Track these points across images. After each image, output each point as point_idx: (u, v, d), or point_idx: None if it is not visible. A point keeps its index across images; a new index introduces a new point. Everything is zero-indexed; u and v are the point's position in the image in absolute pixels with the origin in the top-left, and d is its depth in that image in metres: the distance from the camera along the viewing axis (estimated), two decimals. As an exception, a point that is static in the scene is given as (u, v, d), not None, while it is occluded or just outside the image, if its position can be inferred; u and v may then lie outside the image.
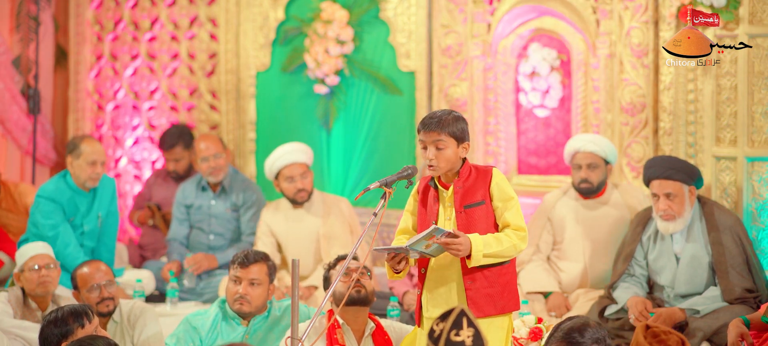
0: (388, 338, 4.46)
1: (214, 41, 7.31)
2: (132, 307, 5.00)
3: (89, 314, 4.04)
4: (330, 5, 6.79)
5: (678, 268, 5.28)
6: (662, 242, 5.34)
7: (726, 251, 5.19)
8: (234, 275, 4.65)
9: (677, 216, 5.23)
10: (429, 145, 3.88)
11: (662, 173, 5.26)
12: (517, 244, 3.87)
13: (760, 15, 5.46)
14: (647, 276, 5.41)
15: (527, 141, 6.38)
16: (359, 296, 4.37)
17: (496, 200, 3.90)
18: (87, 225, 6.02)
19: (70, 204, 5.95)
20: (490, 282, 3.88)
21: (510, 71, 6.32)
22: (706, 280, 5.25)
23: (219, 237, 6.45)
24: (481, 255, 3.80)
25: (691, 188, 5.25)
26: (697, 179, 5.27)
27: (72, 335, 3.96)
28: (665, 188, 5.23)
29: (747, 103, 5.51)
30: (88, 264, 5.09)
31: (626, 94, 5.91)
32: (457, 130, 3.88)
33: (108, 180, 6.14)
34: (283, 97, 7.09)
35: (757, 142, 5.52)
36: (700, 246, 5.25)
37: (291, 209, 6.14)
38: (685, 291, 5.26)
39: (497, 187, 3.90)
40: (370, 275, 4.51)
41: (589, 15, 6.00)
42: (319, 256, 6.09)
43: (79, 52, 7.62)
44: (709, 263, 5.24)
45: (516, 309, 3.98)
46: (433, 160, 3.87)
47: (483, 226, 3.88)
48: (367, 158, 6.82)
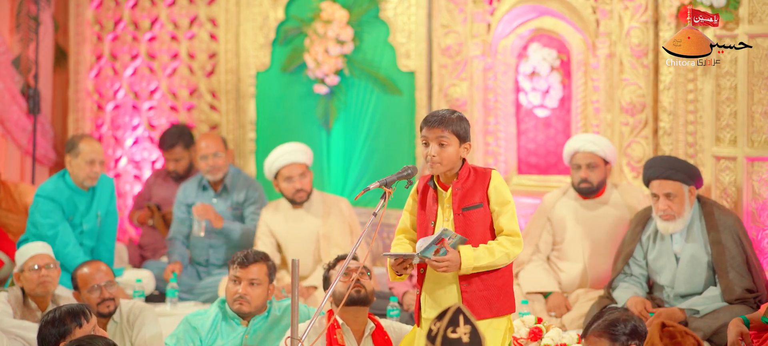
0: (388, 338, 4.46)
1: (214, 41, 7.31)
2: (131, 307, 5.00)
3: (87, 313, 4.04)
4: (330, 5, 6.79)
5: (678, 268, 5.28)
6: (662, 241, 5.34)
7: (726, 250, 5.18)
8: (233, 275, 4.66)
9: (677, 216, 5.23)
10: (431, 142, 3.87)
11: (662, 173, 5.25)
12: (511, 251, 3.86)
13: (760, 15, 5.46)
14: (647, 276, 5.41)
15: (527, 141, 6.38)
16: (359, 296, 4.37)
17: (493, 203, 3.90)
18: (86, 224, 6.02)
19: (69, 203, 5.95)
20: (486, 285, 3.88)
21: (510, 71, 6.32)
22: (706, 280, 5.25)
23: (219, 236, 6.45)
24: (471, 268, 3.82)
25: (691, 188, 5.25)
26: (696, 180, 5.27)
27: (70, 334, 3.95)
28: (665, 188, 5.23)
29: (747, 103, 5.51)
30: (89, 264, 5.09)
31: (626, 94, 5.91)
32: (460, 129, 3.88)
33: (107, 180, 6.14)
34: (283, 97, 7.09)
35: (757, 143, 5.52)
36: (699, 246, 5.25)
37: (291, 209, 6.15)
38: (685, 291, 5.26)
39: (495, 190, 3.89)
40: (370, 275, 4.51)
41: (589, 15, 6.00)
42: (319, 256, 6.09)
43: (79, 52, 7.62)
44: (708, 263, 5.24)
45: (511, 312, 3.98)
46: (435, 156, 3.86)
47: (480, 229, 3.88)
48: (367, 158, 6.83)
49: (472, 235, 3.86)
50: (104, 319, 4.94)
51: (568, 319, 5.51)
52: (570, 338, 4.81)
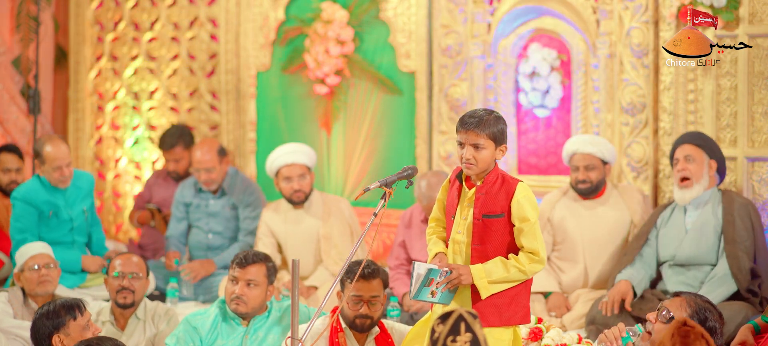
0: (391, 342, 4.44)
1: (214, 41, 7.31)
2: (156, 307, 5.06)
3: (81, 307, 4.06)
4: (330, 5, 6.79)
5: (685, 236, 5.28)
6: (675, 215, 5.35)
7: (736, 227, 5.18)
8: (232, 275, 4.65)
9: (694, 180, 5.25)
10: (467, 145, 3.80)
11: (687, 139, 5.34)
12: (528, 269, 3.79)
13: (760, 15, 5.46)
14: (656, 256, 5.40)
15: (527, 141, 6.38)
16: (363, 327, 4.37)
17: (514, 217, 3.82)
18: (75, 221, 6.00)
19: (47, 203, 5.90)
20: (498, 293, 3.81)
21: (510, 71, 6.32)
22: (711, 248, 5.22)
23: (218, 236, 6.44)
24: (486, 282, 3.76)
25: (711, 162, 5.28)
26: (719, 160, 5.30)
27: (64, 326, 3.99)
28: (686, 150, 5.28)
29: (747, 103, 5.51)
30: (123, 255, 5.13)
31: (626, 95, 5.91)
32: (496, 131, 3.81)
33: (85, 176, 6.10)
34: (283, 97, 7.09)
35: (757, 143, 5.52)
36: (711, 215, 5.26)
37: (291, 209, 6.14)
38: (687, 258, 5.25)
39: (517, 204, 3.81)
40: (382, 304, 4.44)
41: (589, 15, 6.01)
42: (320, 256, 6.08)
43: (79, 52, 7.61)
44: (716, 231, 5.23)
45: (523, 323, 3.91)
46: (470, 159, 3.79)
47: (498, 239, 3.82)
48: (367, 158, 6.82)
49: (488, 243, 3.81)
50: (122, 310, 4.97)
51: (568, 319, 5.51)
52: (570, 338, 4.81)
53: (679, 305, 3.69)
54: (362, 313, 4.34)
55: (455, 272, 3.78)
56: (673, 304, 3.70)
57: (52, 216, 5.90)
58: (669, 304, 3.71)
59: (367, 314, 4.35)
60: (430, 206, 5.64)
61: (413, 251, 5.85)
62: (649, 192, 5.89)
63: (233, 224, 6.46)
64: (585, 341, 4.83)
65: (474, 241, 3.83)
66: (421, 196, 5.79)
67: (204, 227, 6.47)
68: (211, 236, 6.45)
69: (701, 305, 3.71)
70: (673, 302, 3.71)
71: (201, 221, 6.47)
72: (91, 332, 4.03)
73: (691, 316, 3.66)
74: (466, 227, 3.84)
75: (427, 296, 3.80)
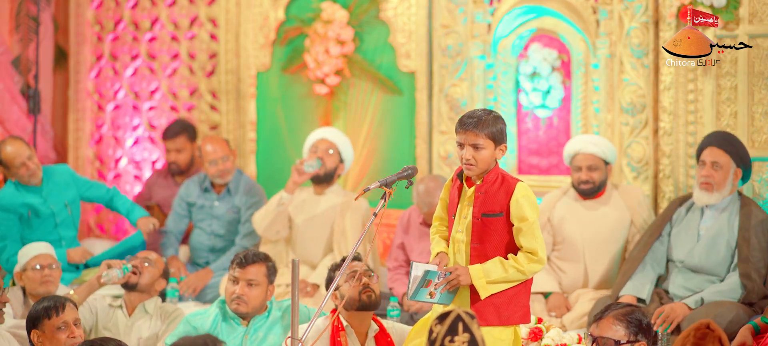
0: (391, 341, 4.44)
1: (214, 41, 7.31)
2: (166, 305, 5.08)
3: (59, 308, 4.17)
4: (330, 5, 6.79)
5: (698, 242, 5.26)
6: (690, 216, 5.33)
7: (751, 246, 5.13)
8: (232, 275, 4.66)
9: (715, 188, 5.22)
10: (466, 146, 3.82)
11: (718, 142, 5.26)
12: (527, 269, 3.80)
13: (760, 15, 5.46)
14: (667, 254, 5.39)
15: (528, 141, 6.38)
16: (370, 301, 4.36)
17: (513, 216, 3.83)
18: (58, 216, 6.00)
19: (24, 206, 5.91)
20: (497, 292, 3.82)
21: (510, 71, 6.32)
22: (722, 259, 5.20)
23: (220, 238, 6.45)
24: (484, 282, 3.77)
25: (737, 170, 5.24)
26: (746, 166, 5.26)
27: (40, 324, 4.15)
28: (715, 155, 5.22)
29: (747, 103, 5.51)
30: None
31: (626, 95, 5.91)
32: (495, 131, 3.82)
33: (61, 168, 6.10)
34: (283, 97, 7.09)
35: (757, 143, 5.52)
36: (726, 226, 5.23)
37: (312, 193, 6.16)
38: (698, 264, 5.23)
39: (516, 204, 3.82)
40: (377, 278, 4.49)
41: (589, 15, 6.00)
42: (330, 247, 6.09)
43: (79, 52, 7.61)
44: (729, 245, 5.20)
45: (523, 322, 3.91)
46: (470, 160, 3.80)
47: (497, 238, 3.83)
48: (367, 158, 6.83)
49: (487, 242, 3.82)
50: (129, 295, 5.00)
51: (568, 319, 5.51)
52: (570, 338, 4.82)
53: (611, 327, 3.68)
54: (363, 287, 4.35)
55: (453, 272, 3.79)
56: (605, 330, 3.68)
57: (32, 216, 5.91)
58: (600, 332, 3.69)
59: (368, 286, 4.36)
60: (429, 212, 5.65)
61: (413, 253, 5.85)
62: (649, 192, 5.89)
63: (236, 227, 6.47)
64: (585, 341, 4.83)
65: (473, 240, 3.84)
66: (419, 201, 5.80)
67: (207, 228, 6.47)
68: (213, 238, 6.45)
69: (627, 312, 3.71)
70: (603, 329, 3.69)
71: (204, 222, 6.48)
72: (65, 335, 4.10)
73: (626, 328, 3.66)
74: (466, 226, 3.85)
75: (425, 297, 3.80)
